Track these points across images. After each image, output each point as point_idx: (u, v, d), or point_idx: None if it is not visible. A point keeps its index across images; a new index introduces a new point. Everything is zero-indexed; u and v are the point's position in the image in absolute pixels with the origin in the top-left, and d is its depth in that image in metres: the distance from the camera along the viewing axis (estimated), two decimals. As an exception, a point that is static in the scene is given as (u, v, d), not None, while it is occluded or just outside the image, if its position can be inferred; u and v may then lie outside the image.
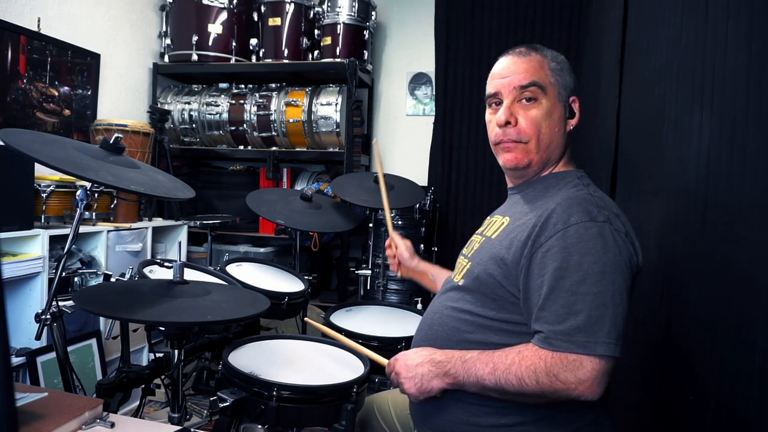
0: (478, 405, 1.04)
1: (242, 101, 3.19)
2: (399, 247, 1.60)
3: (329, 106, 3.04)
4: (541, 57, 1.12)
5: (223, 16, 3.13)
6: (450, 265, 1.32)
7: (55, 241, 2.09)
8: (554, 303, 0.94)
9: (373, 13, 3.29)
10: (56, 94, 2.62)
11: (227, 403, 1.13)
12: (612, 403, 1.34)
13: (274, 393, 1.13)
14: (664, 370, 1.39)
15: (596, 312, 0.91)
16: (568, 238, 0.95)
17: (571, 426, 1.01)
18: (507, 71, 1.12)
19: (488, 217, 1.26)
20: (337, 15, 3.15)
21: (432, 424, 1.11)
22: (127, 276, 1.53)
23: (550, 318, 0.94)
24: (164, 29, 3.26)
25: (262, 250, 3.19)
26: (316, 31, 3.21)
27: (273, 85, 3.25)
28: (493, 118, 1.13)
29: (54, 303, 1.40)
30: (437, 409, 1.09)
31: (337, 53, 3.14)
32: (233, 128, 3.22)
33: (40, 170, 2.02)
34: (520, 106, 1.10)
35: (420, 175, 3.35)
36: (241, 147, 3.26)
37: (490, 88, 1.15)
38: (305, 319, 1.58)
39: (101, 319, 2.29)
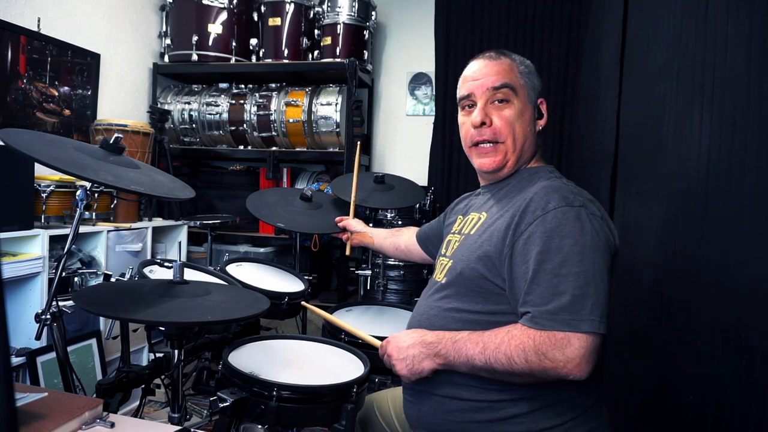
0: (473, 401, 1.05)
1: (242, 101, 3.19)
2: (348, 226, 1.87)
3: (329, 106, 3.04)
4: (510, 60, 1.17)
5: (223, 16, 3.13)
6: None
7: (55, 241, 2.09)
8: (539, 286, 0.97)
9: (373, 13, 3.29)
10: (56, 94, 2.62)
11: (227, 403, 1.13)
12: (611, 402, 1.34)
13: (274, 393, 1.13)
14: (664, 370, 1.39)
15: (579, 291, 0.94)
16: (547, 222, 0.99)
17: (565, 416, 1.02)
18: (479, 74, 1.17)
19: (460, 216, 1.29)
20: (337, 15, 3.15)
21: (427, 423, 1.12)
22: (127, 276, 1.53)
23: (535, 300, 0.97)
24: (164, 29, 3.26)
25: (262, 250, 3.19)
26: (316, 31, 3.21)
27: (273, 85, 3.25)
28: (467, 120, 1.18)
29: (54, 303, 1.40)
30: (432, 409, 1.10)
31: (337, 53, 3.14)
32: (233, 128, 3.22)
33: (40, 170, 2.02)
34: (494, 107, 1.15)
35: (420, 175, 3.35)
36: (241, 147, 3.26)
37: (463, 90, 1.20)
38: (302, 303, 1.67)
39: (101, 319, 2.29)
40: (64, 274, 1.79)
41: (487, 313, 1.06)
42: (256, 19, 3.24)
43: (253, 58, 3.23)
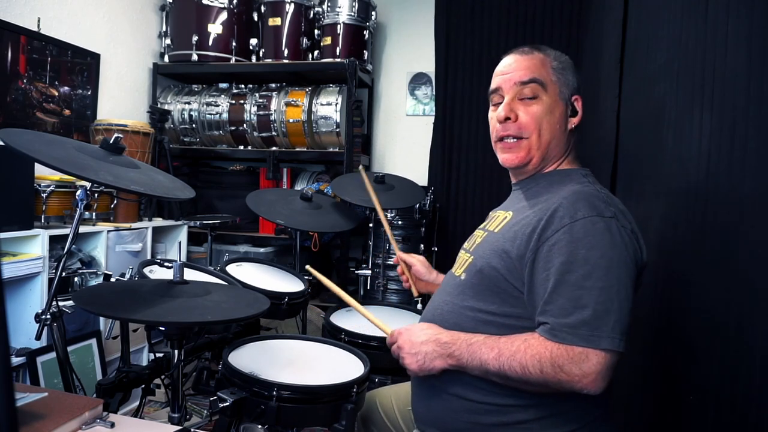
0: (482, 404, 1.04)
1: (242, 101, 3.18)
2: (414, 265, 1.53)
3: (329, 106, 3.04)
4: (543, 56, 1.14)
5: (223, 16, 3.13)
6: (450, 265, 1.33)
7: (55, 241, 2.09)
8: (560, 296, 0.94)
9: (373, 13, 3.29)
10: (56, 94, 2.62)
11: (227, 403, 1.13)
12: (613, 403, 1.34)
13: (274, 393, 1.13)
14: (664, 370, 1.39)
15: (602, 306, 0.92)
16: (575, 232, 0.96)
17: (573, 424, 1.02)
18: (509, 68, 1.15)
19: (491, 212, 1.27)
20: (337, 15, 3.15)
21: (434, 420, 1.11)
22: (127, 276, 1.53)
23: (555, 311, 0.94)
24: (164, 29, 3.26)
25: (262, 250, 3.19)
26: (316, 31, 3.21)
27: (273, 85, 3.25)
28: (495, 114, 1.15)
29: (54, 303, 1.40)
30: (440, 407, 1.10)
31: (337, 53, 3.14)
32: (233, 128, 3.22)
33: (40, 170, 2.02)
34: (521, 102, 1.12)
35: (420, 175, 3.35)
36: (241, 147, 3.26)
37: (493, 84, 1.18)
38: (307, 267, 1.52)
39: (101, 319, 2.29)
40: (64, 274, 1.79)
41: (503, 315, 1.04)
42: (256, 19, 3.24)
43: (253, 58, 3.23)
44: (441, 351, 1.05)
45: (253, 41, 3.20)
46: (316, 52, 3.22)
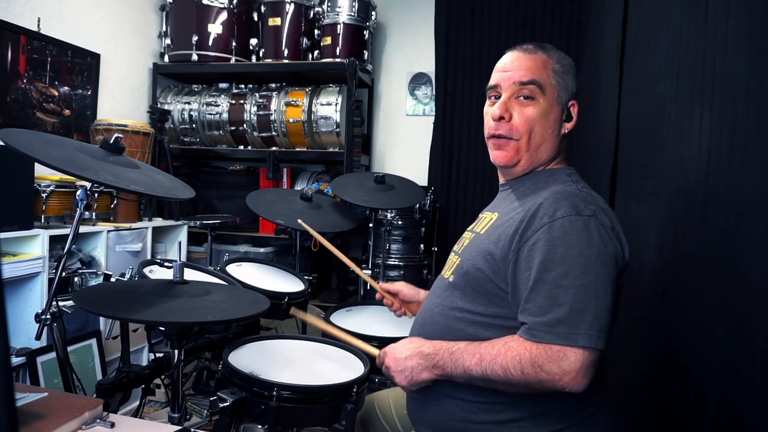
0: (474, 402, 1.05)
1: (242, 101, 3.19)
2: (401, 291, 1.50)
3: (329, 106, 3.04)
4: (546, 57, 1.13)
5: (223, 16, 3.13)
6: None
7: (55, 241, 2.09)
8: (538, 295, 0.95)
9: (373, 13, 3.29)
10: (56, 94, 2.62)
11: (227, 403, 1.13)
12: (612, 404, 1.34)
13: (274, 393, 1.13)
14: (664, 371, 1.39)
15: (578, 304, 0.92)
16: (553, 231, 0.97)
17: (566, 422, 1.02)
18: (510, 66, 1.13)
19: (481, 213, 1.27)
20: (337, 15, 3.15)
21: (429, 422, 1.12)
22: (127, 276, 1.53)
23: (533, 310, 0.95)
24: (164, 29, 3.26)
25: (262, 250, 3.19)
26: (316, 31, 3.21)
27: (273, 85, 3.25)
28: (490, 111, 1.14)
29: (54, 303, 1.40)
30: (434, 408, 1.10)
31: (337, 53, 3.14)
32: (233, 128, 3.22)
33: (40, 170, 2.02)
34: (517, 102, 1.11)
35: (420, 175, 3.35)
36: (241, 147, 3.26)
37: (492, 80, 1.16)
38: (292, 311, 1.49)
39: (101, 319, 2.29)
40: (64, 274, 1.79)
41: (490, 315, 1.05)
42: (256, 19, 3.24)
43: (253, 58, 3.23)
44: (425, 363, 1.06)
45: (253, 41, 3.20)
46: (316, 52, 3.22)
